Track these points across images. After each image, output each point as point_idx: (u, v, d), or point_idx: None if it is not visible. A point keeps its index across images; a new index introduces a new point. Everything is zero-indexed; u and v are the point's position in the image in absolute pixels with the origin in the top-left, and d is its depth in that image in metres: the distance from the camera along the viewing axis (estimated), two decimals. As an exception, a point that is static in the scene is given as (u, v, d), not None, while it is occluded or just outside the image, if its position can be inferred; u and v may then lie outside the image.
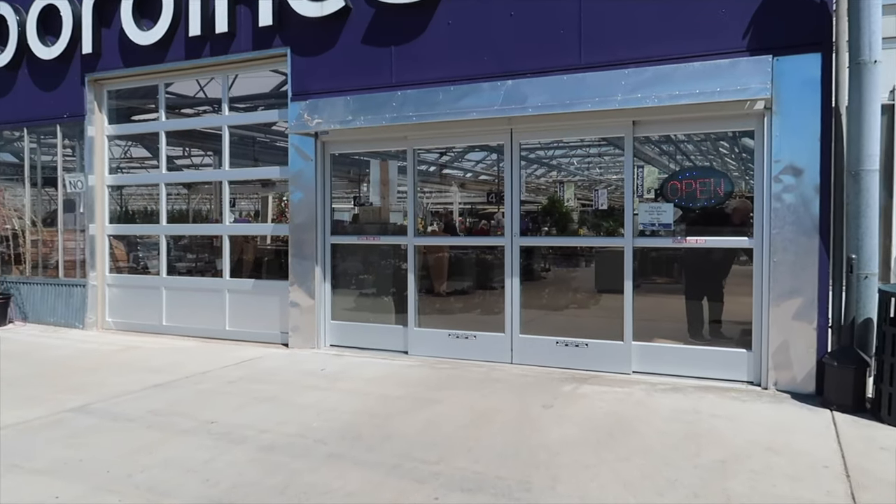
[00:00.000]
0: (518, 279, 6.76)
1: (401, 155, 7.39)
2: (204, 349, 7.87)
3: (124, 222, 10.15)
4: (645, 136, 6.44)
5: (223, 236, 8.45)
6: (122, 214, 12.41)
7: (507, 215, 6.79)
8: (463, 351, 7.00)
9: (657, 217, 6.19)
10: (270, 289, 8.10)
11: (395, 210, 7.93)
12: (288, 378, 6.40)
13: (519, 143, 6.70)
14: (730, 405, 5.37)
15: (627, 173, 6.32)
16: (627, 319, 6.34)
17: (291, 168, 7.74)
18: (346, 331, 7.69)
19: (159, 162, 8.85)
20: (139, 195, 25.24)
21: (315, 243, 7.64)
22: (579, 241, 7.82)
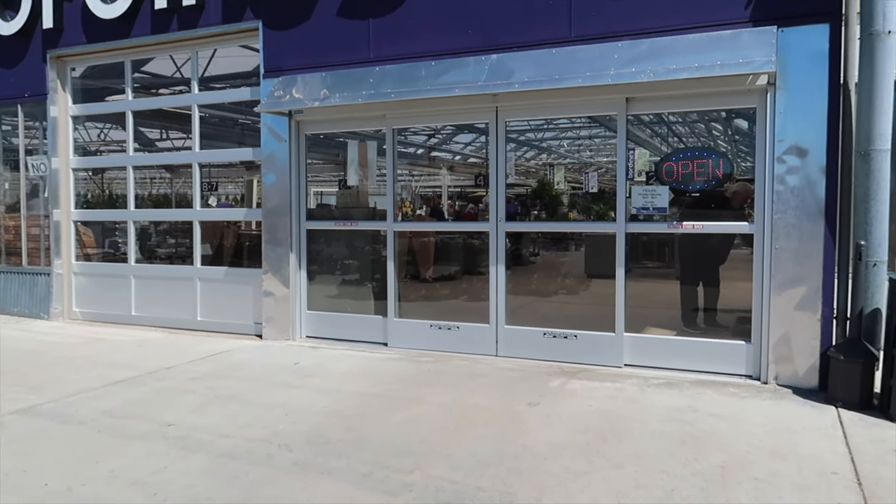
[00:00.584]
0: (504, 266, 6.37)
1: (381, 135, 6.94)
2: (173, 341, 7.45)
3: (107, 208, 9.64)
4: (639, 115, 6.05)
5: (194, 221, 7.99)
6: (105, 199, 11.98)
7: (493, 199, 6.38)
8: (445, 343, 6.61)
9: (651, 201, 5.80)
10: (244, 277, 7.67)
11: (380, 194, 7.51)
12: (257, 373, 6.00)
13: (505, 122, 6.27)
14: (729, 402, 5.01)
15: (620, 155, 5.92)
16: (619, 310, 5.97)
17: (264, 149, 7.29)
18: (322, 321, 7.28)
19: (127, 143, 8.36)
20: (123, 179, 24.66)
21: (289, 229, 7.21)
22: (568, 226, 7.45)
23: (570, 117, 10.92)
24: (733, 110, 9.40)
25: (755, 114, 5.53)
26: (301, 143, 7.22)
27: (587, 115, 6.53)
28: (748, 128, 10.99)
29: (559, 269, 14.30)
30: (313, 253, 7.50)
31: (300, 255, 7.29)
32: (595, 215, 19.71)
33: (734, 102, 5.66)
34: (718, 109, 6.05)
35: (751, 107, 5.56)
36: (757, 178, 5.50)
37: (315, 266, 7.55)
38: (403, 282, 10.57)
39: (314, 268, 7.51)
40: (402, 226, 6.88)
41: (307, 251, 7.33)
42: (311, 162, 14.76)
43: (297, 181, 7.22)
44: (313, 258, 7.52)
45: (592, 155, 33.55)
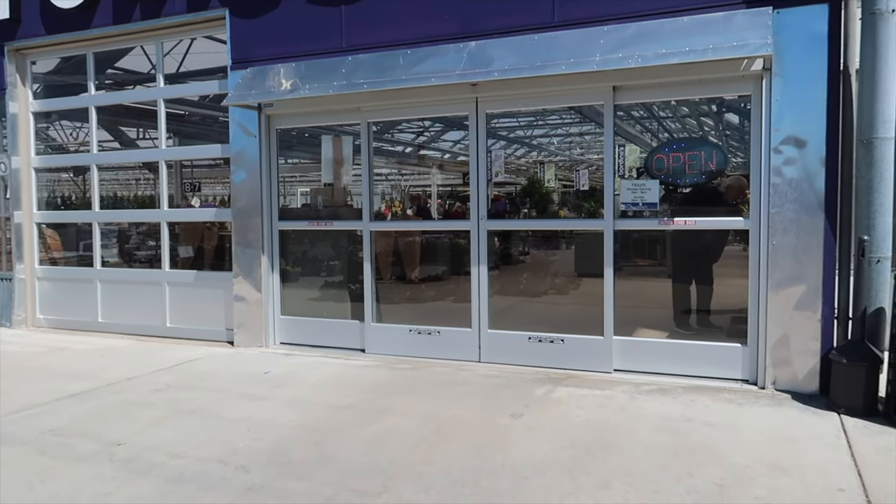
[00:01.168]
0: (486, 268, 6.01)
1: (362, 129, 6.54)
2: (138, 349, 7.06)
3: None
4: (627, 105, 5.70)
5: (161, 223, 7.59)
6: (86, 201, 11.59)
7: (473, 196, 6.02)
8: (426, 348, 6.25)
9: (641, 196, 5.46)
10: (215, 281, 7.28)
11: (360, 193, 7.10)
12: (224, 384, 5.62)
13: (486, 114, 5.91)
14: (724, 410, 4.68)
15: (608, 147, 5.57)
16: (608, 312, 5.63)
17: (233, 146, 6.91)
18: (297, 327, 6.91)
19: (90, 141, 7.95)
20: (111, 181, 24.11)
21: (261, 229, 6.83)
22: (553, 223, 7.12)
23: (555, 108, 10.62)
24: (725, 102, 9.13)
25: (749, 103, 5.20)
26: (272, 139, 6.84)
27: (572, 105, 6.18)
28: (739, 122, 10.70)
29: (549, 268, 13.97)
30: (287, 255, 7.13)
31: (272, 258, 6.91)
32: (586, 213, 19.31)
33: (728, 90, 5.33)
34: (711, 98, 5.72)
35: (745, 94, 5.23)
36: (752, 171, 5.17)
37: (289, 269, 7.17)
38: (384, 283, 10.20)
39: (288, 270, 7.14)
40: (377, 225, 6.52)
41: (280, 253, 6.95)
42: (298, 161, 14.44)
43: (269, 179, 6.84)
44: (287, 260, 7.14)
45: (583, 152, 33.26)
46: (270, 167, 6.85)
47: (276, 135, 6.85)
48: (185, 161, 8.92)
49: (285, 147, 8.49)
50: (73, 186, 19.48)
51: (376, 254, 11.68)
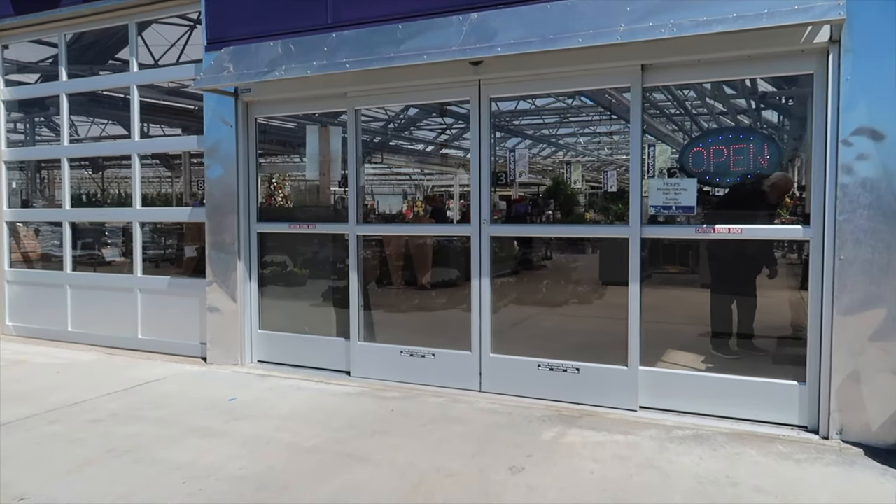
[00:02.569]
0: (488, 281, 5.10)
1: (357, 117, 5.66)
2: (100, 366, 6.28)
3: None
4: (657, 87, 4.77)
5: (133, 223, 6.82)
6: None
7: (474, 197, 5.12)
8: (419, 373, 5.37)
9: (675, 198, 4.50)
10: (188, 288, 6.48)
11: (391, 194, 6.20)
12: (179, 413, 4.80)
13: (489, 99, 5.00)
14: (779, 469, 3.71)
15: (634, 140, 4.63)
16: (633, 337, 4.68)
17: (207, 137, 6.10)
18: (276, 343, 6.08)
19: (61, 132, 7.21)
20: (123, 178, 23.62)
21: (237, 232, 6.01)
22: (570, 230, 6.12)
23: (571, 92, 9.62)
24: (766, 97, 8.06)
25: (811, 85, 4.21)
26: (250, 129, 6.02)
27: (591, 88, 5.23)
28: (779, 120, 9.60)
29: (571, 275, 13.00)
30: (267, 260, 6.30)
31: (250, 263, 6.08)
32: (613, 216, 18.06)
33: (783, 68, 4.33)
34: (761, 77, 4.71)
35: (805, 73, 4.24)
36: (814, 167, 4.19)
37: (269, 276, 6.35)
38: (388, 290, 9.38)
39: (268, 278, 6.31)
40: (365, 229, 5.63)
41: (259, 258, 6.12)
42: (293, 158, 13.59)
43: (246, 174, 6.02)
44: (267, 267, 6.32)
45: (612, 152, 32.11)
46: (248, 161, 6.03)
47: (255, 125, 6.02)
48: (157, 153, 8.07)
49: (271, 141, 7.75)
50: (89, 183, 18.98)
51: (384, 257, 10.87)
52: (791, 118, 9.27)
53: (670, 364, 5.62)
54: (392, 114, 20.21)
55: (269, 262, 6.35)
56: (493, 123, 5.01)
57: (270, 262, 6.36)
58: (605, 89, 11.60)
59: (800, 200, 7.96)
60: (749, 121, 11.18)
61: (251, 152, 6.03)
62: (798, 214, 8.21)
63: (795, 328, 6.21)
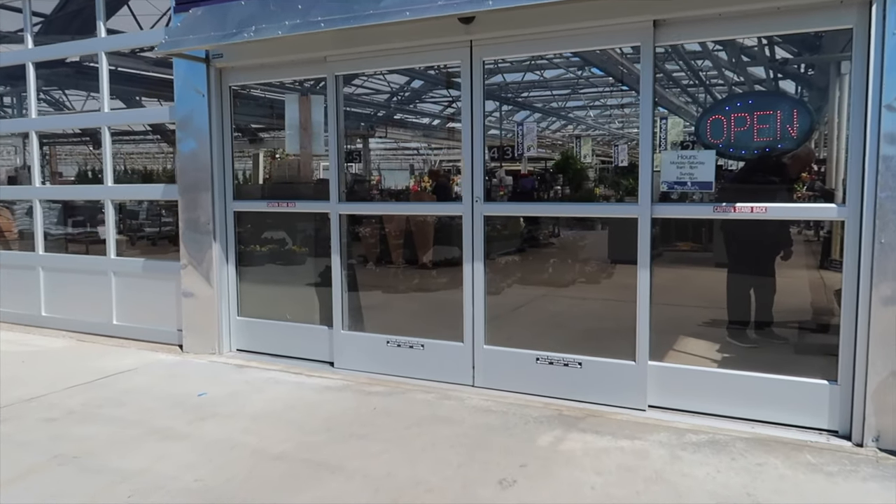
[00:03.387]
0: (482, 266, 4.60)
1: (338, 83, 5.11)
2: (70, 354, 5.87)
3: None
4: (671, 46, 4.19)
5: (105, 201, 6.35)
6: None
7: (466, 171, 4.61)
8: (407, 365, 4.91)
9: (690, 172, 3.98)
10: (164, 271, 6.03)
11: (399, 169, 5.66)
12: (140, 412, 4.38)
13: (482, 62, 4.46)
14: (808, 483, 3.24)
15: (645, 108, 4.09)
16: (641, 330, 4.18)
17: (178, 108, 5.61)
18: (256, 331, 5.64)
19: (28, 105, 6.73)
20: (141, 154, 23.14)
21: (211, 211, 5.54)
22: (571, 208, 5.53)
23: (574, 53, 9.04)
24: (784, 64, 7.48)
25: (850, 39, 3.65)
26: (224, 98, 5.51)
27: (597, 47, 4.72)
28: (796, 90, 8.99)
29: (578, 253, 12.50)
30: (247, 242, 5.84)
31: (227, 245, 5.62)
32: (624, 191, 17.44)
33: (818, 22, 3.76)
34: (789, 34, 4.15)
35: (843, 28, 3.68)
36: (853, 138, 3.65)
37: (249, 259, 5.89)
38: (375, 272, 8.91)
39: (248, 261, 5.85)
40: (348, 207, 5.12)
41: (236, 239, 5.65)
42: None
43: (220, 148, 5.53)
44: (247, 248, 5.86)
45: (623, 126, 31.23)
46: (223, 134, 5.53)
47: (229, 93, 5.52)
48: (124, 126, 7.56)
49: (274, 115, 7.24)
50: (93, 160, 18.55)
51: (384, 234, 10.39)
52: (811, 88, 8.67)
53: (682, 353, 5.16)
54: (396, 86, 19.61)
55: (250, 243, 5.89)
56: (487, 89, 4.47)
57: (250, 243, 5.90)
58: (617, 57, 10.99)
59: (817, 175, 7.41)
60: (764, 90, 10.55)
61: (226, 123, 5.53)
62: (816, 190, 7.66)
63: (818, 314, 5.72)
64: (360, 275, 10.52)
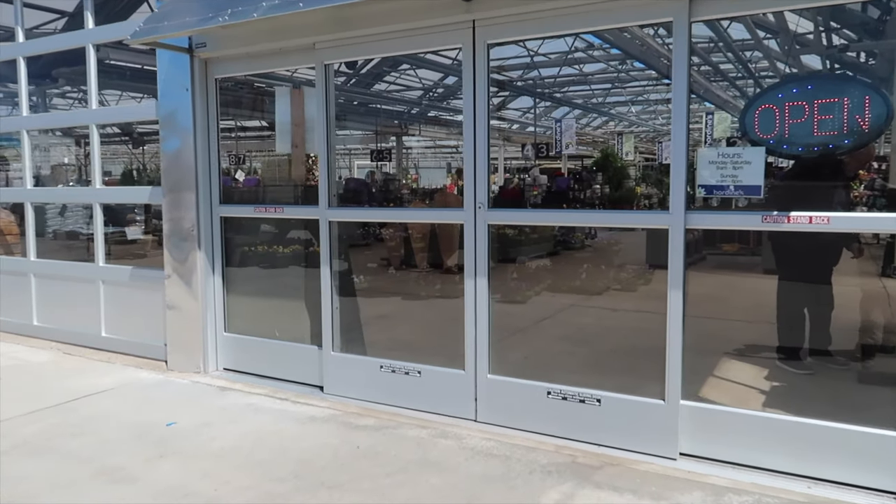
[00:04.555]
0: (486, 281, 3.95)
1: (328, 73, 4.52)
2: (50, 369, 5.45)
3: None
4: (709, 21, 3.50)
5: (94, 205, 5.92)
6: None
7: (468, 172, 3.97)
8: (402, 394, 4.31)
9: (733, 174, 3.27)
10: (152, 281, 5.55)
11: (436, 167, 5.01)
12: (98, 444, 3.88)
13: (486, 45, 3.81)
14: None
15: (678, 97, 3.39)
16: (673, 362, 3.48)
17: (162, 103, 5.13)
18: (244, 349, 5.11)
19: (20, 101, 6.35)
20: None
21: (196, 216, 5.03)
22: (593, 217, 4.75)
23: (593, 32, 8.27)
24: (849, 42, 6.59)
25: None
26: (210, 92, 5.00)
27: (619, 25, 4.00)
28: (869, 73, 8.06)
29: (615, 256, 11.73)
30: (235, 251, 5.32)
31: (213, 254, 5.11)
32: (667, 190, 16.12)
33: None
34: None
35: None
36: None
37: (238, 269, 5.37)
38: (396, 277, 8.42)
39: (237, 271, 5.33)
40: (338, 213, 4.53)
41: (223, 247, 5.14)
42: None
43: (206, 146, 5.02)
44: (235, 258, 5.34)
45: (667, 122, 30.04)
46: (209, 130, 5.02)
47: (215, 86, 5.00)
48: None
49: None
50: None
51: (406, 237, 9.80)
52: (872, 80, 7.75)
53: (723, 381, 4.46)
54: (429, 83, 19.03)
55: (238, 252, 5.37)
56: (492, 77, 3.83)
57: (239, 251, 5.38)
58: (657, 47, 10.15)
59: (878, 172, 6.54)
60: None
61: (211, 119, 5.01)
62: (876, 189, 6.77)
63: (887, 332, 4.95)
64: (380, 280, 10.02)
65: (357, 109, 18.86)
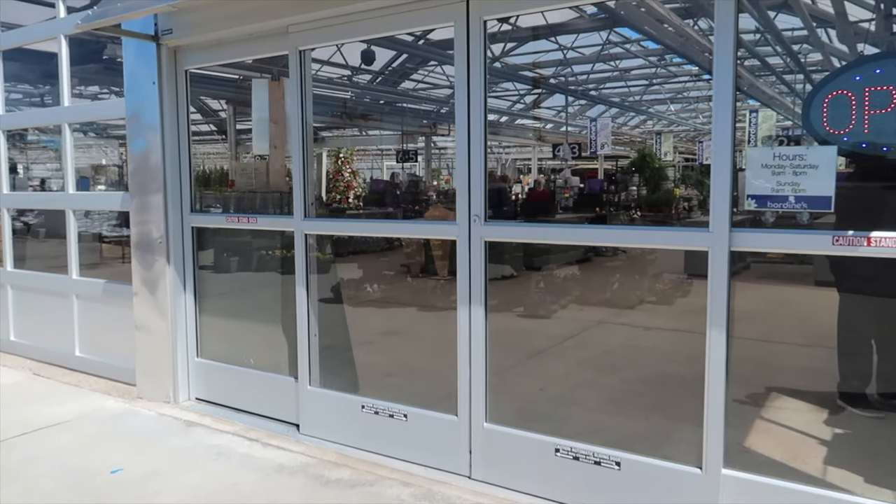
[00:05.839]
0: (482, 309, 3.25)
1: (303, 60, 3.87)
2: (13, 395, 4.92)
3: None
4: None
5: (66, 211, 5.39)
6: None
7: (461, 177, 3.27)
8: (386, 440, 3.63)
9: (794, 182, 2.51)
10: (125, 297, 4.99)
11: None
12: (20, 497, 3.30)
13: (482, 23, 3.12)
14: None
15: (721, 82, 2.64)
16: (713, 422, 2.73)
17: (128, 100, 4.56)
18: (217, 377, 4.50)
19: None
20: (204, 154, 22.97)
21: (165, 225, 4.44)
22: (610, 234, 3.92)
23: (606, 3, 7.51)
24: None
25: None
26: (180, 86, 4.41)
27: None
28: None
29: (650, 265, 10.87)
30: (209, 265, 4.73)
31: (183, 268, 4.51)
32: (708, 192, 15.08)
33: None
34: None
35: None
36: None
37: (213, 286, 4.76)
38: (413, 285, 7.86)
39: (210, 289, 4.72)
40: (315, 225, 3.87)
41: (195, 260, 4.54)
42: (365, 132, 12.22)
43: (175, 147, 4.43)
44: (211, 273, 4.74)
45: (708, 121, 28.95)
46: (178, 128, 4.43)
47: (185, 79, 4.40)
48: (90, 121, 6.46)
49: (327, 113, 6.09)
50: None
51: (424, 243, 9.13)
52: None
53: (772, 426, 3.73)
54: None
55: (215, 267, 4.77)
56: (488, 61, 3.13)
57: (216, 266, 4.78)
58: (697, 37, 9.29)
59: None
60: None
61: (181, 116, 4.42)
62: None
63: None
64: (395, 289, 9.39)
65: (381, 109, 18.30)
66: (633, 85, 20.17)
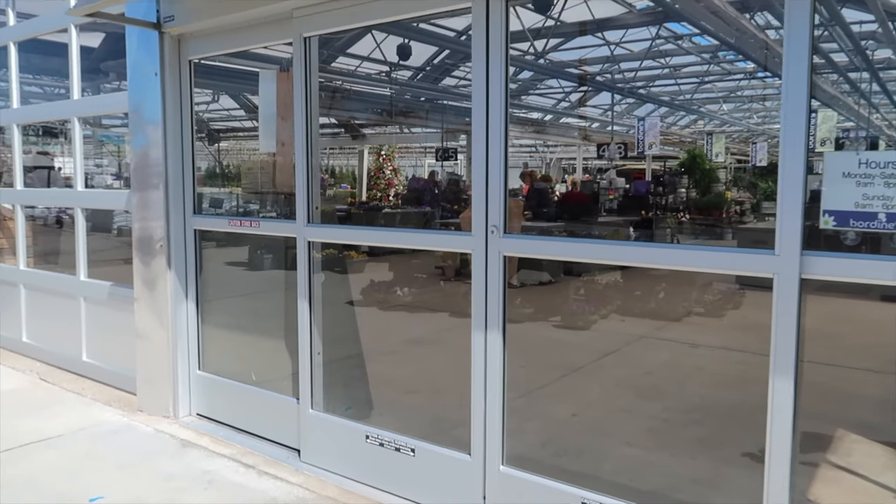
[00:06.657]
0: (500, 334, 2.81)
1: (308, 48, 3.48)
2: (12, 401, 4.69)
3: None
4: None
5: (76, 209, 5.14)
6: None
7: (478, 184, 2.83)
8: (392, 476, 3.23)
9: (886, 195, 2.00)
10: (129, 301, 4.70)
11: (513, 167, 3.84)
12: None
13: (505, 4, 2.67)
14: None
15: (794, 74, 2.14)
16: (777, 479, 2.24)
17: (131, 93, 4.25)
18: (218, 392, 4.17)
19: (10, 93, 5.66)
20: (248, 151, 23.08)
21: (166, 227, 4.12)
22: (643, 253, 3.32)
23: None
24: None
25: None
26: (183, 77, 4.08)
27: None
28: None
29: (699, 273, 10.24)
30: (214, 270, 4.39)
31: (185, 274, 4.19)
32: (762, 195, 14.71)
33: None
34: None
35: None
36: None
37: (217, 293, 4.43)
38: (443, 290, 7.53)
39: (213, 296, 4.39)
40: (319, 232, 3.48)
41: (198, 266, 4.21)
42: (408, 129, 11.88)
43: (177, 143, 4.10)
44: (214, 279, 4.41)
45: (763, 121, 27.75)
46: (181, 123, 4.10)
47: (189, 70, 4.07)
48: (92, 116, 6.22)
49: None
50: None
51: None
52: None
53: (842, 473, 3.22)
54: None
55: (220, 273, 4.44)
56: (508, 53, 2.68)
57: (221, 272, 4.45)
58: (754, 30, 8.62)
59: None
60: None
61: (185, 110, 4.09)
62: None
63: None
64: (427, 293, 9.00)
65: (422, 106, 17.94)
66: (683, 83, 19.36)
